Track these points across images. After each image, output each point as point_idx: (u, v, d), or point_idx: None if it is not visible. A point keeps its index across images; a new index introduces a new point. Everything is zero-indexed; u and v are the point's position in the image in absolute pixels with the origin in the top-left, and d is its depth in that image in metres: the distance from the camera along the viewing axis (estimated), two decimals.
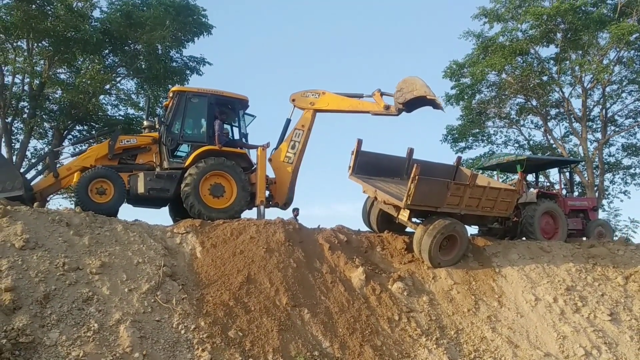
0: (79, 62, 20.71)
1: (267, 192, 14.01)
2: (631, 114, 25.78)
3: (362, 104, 13.82)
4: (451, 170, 14.65)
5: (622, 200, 27.01)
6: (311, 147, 14.46)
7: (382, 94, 13.50)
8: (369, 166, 13.61)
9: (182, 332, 8.90)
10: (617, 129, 26.18)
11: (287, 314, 9.91)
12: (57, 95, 20.52)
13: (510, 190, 13.34)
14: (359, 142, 13.37)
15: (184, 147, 13.64)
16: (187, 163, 13.00)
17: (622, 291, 12.23)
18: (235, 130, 14.44)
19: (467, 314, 11.11)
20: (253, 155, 13.94)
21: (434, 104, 12.86)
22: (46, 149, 21.04)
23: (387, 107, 13.39)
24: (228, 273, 10.53)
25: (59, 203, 22.71)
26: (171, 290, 9.74)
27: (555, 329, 10.91)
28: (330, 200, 65.21)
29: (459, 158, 15.41)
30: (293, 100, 14.51)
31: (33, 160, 20.41)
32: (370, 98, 13.74)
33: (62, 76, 20.64)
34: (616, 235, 21.19)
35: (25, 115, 19.64)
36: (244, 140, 14.27)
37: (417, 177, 11.45)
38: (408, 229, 13.47)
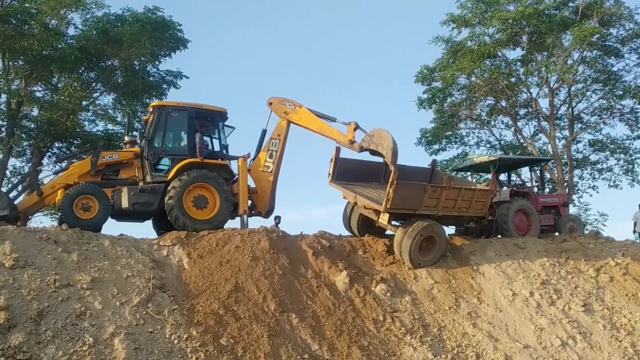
0: (55, 80, 20.72)
1: (249, 202, 14.29)
2: (596, 111, 26.71)
3: (331, 131, 14.09)
4: (427, 173, 15.08)
5: (591, 195, 27.96)
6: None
7: (356, 128, 13.71)
8: (347, 172, 13.96)
9: (175, 342, 9.12)
10: (583, 126, 27.06)
11: (276, 320, 10.19)
12: (34, 114, 20.51)
13: (485, 190, 13.84)
14: (337, 149, 13.72)
15: (165, 161, 13.84)
16: (169, 176, 13.19)
17: (594, 283, 12.78)
18: (216, 142, 14.68)
19: (449, 311, 11.52)
20: (234, 166, 14.24)
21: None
22: (26, 168, 21.03)
23: (352, 142, 13.68)
24: (216, 282, 10.78)
25: (40, 221, 22.62)
26: (162, 301, 9.95)
27: (532, 322, 11.38)
28: (304, 206, 65.43)
29: (434, 161, 15.88)
30: (270, 103, 14.80)
31: (12, 179, 20.39)
32: (343, 125, 14.02)
33: (38, 94, 20.68)
34: (587, 229, 21.97)
35: (3, 135, 19.60)
36: (224, 151, 14.52)
37: (395, 181, 11.85)
38: (388, 232, 13.88)
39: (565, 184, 25.03)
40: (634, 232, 18.69)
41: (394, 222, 13.08)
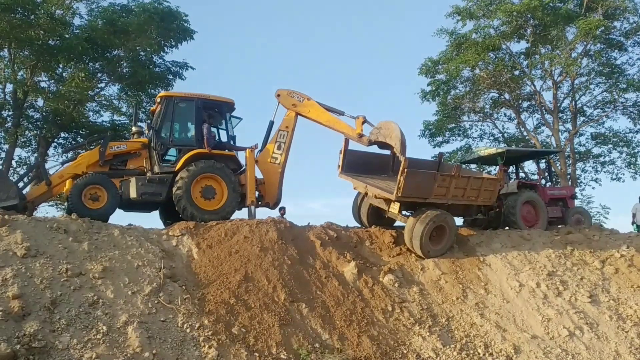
0: (60, 70, 20.67)
1: (257, 193, 14.31)
2: (599, 104, 26.67)
3: (339, 124, 14.17)
4: (434, 165, 15.10)
5: (593, 188, 28.00)
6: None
7: (364, 122, 13.85)
8: (356, 164, 13.97)
9: (188, 330, 9.19)
10: (586, 120, 27.05)
11: (286, 309, 10.26)
12: (39, 104, 20.50)
13: (493, 179, 13.90)
14: (346, 141, 13.74)
15: (173, 151, 13.87)
16: (177, 167, 13.21)
17: (599, 274, 12.85)
18: (223, 132, 14.69)
19: (456, 302, 11.60)
20: (241, 157, 14.25)
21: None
22: (32, 158, 21.03)
23: (360, 136, 13.79)
24: (226, 272, 10.84)
25: (46, 211, 22.60)
26: (173, 291, 10.02)
27: (539, 313, 11.47)
28: (301, 198, 65.28)
29: (441, 154, 15.91)
30: (278, 95, 14.79)
31: (18, 169, 20.39)
32: (351, 119, 14.13)
33: (43, 84, 20.62)
34: None
35: (8, 124, 19.57)
36: (232, 142, 14.52)
37: (406, 169, 11.91)
38: (396, 224, 13.94)
39: (568, 176, 25.10)
40: (633, 223, 18.76)
41: (404, 213, 13.13)
